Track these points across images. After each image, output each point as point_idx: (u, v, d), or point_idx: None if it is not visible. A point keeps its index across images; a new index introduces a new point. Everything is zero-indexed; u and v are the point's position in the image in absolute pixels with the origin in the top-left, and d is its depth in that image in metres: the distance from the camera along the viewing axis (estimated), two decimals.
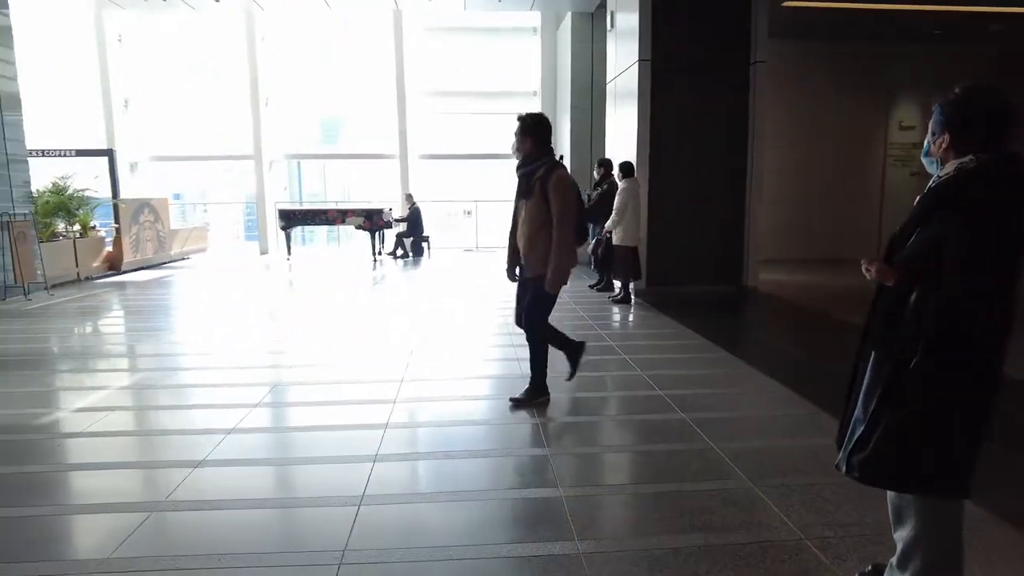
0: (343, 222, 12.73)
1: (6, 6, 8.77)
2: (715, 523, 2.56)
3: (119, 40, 13.78)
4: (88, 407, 4.14)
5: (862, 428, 1.87)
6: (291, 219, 12.76)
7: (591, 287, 8.73)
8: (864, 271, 1.97)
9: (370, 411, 4.01)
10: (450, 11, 13.38)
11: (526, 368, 4.15)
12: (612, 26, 8.86)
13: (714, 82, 7.72)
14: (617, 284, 7.88)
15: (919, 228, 1.88)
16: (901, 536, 1.96)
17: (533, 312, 3.97)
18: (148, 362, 5.47)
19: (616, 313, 7.23)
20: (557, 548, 2.39)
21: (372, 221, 12.56)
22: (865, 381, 1.93)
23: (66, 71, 13.71)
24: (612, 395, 4.39)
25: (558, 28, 12.96)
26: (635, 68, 7.75)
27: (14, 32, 8.97)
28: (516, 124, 3.81)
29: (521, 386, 4.13)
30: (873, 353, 1.93)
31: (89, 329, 6.98)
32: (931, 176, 1.92)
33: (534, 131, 3.79)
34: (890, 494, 1.98)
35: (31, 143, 11.42)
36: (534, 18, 13.58)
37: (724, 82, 7.74)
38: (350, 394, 4.44)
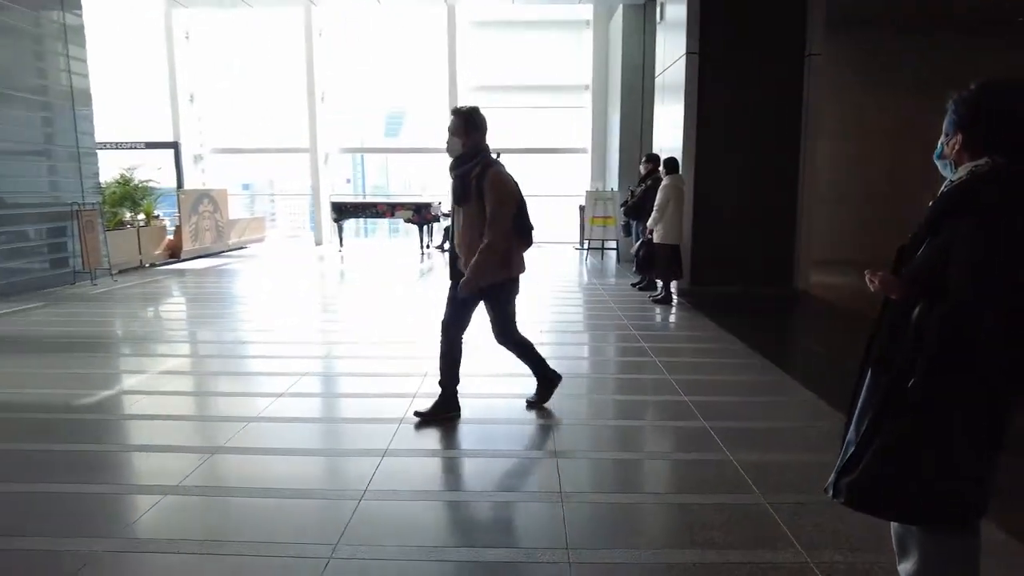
0: (392, 215, 12.93)
1: (79, 7, 9.25)
2: (717, 540, 2.45)
3: (186, 37, 14.37)
4: (127, 390, 4.34)
5: (853, 449, 1.74)
6: (343, 211, 13.03)
7: (633, 286, 8.56)
8: (868, 283, 1.83)
9: (389, 404, 4.04)
10: (501, 5, 13.33)
11: (556, 367, 4.06)
12: (662, 18, 8.63)
13: (766, 76, 7.41)
14: (659, 283, 7.71)
15: (929, 237, 1.73)
16: (905, 570, 1.82)
17: (505, 328, 3.77)
18: (188, 348, 5.69)
19: (654, 313, 7.06)
20: (546, 556, 2.33)
21: (420, 215, 12.69)
22: (860, 400, 1.79)
23: (138, 67, 14.40)
24: (633, 399, 4.27)
25: (610, 20, 12.73)
26: (682, 61, 7.52)
27: (88, 31, 9.47)
28: (450, 119, 3.50)
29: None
30: (870, 371, 1.79)
31: (148, 313, 7.32)
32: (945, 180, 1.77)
33: (469, 127, 3.47)
34: (893, 523, 1.84)
35: (105, 136, 12.13)
36: (587, 11, 13.38)
37: (776, 76, 7.42)
38: (372, 387, 4.49)
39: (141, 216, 11.09)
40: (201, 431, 3.70)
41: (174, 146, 14.03)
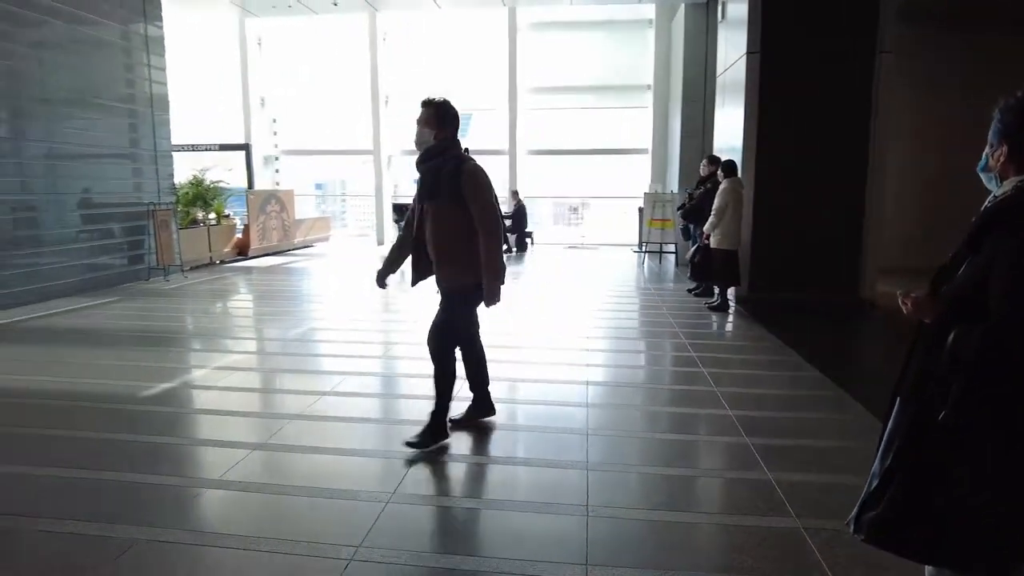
0: None
1: (160, 19, 9.81)
2: (743, 565, 2.35)
3: (259, 44, 14.99)
4: (185, 384, 4.56)
5: (876, 482, 1.63)
6: (403, 213, 13.26)
7: (689, 291, 8.36)
8: (901, 304, 1.72)
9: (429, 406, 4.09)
10: (561, 7, 13.26)
11: (599, 375, 4.01)
12: (723, 17, 8.38)
13: (832, 74, 7.07)
14: (716, 290, 7.49)
15: (970, 256, 1.61)
16: None
17: (444, 334, 3.44)
18: (247, 344, 5.92)
19: (708, 320, 6.86)
20: (563, 572, 2.30)
21: None
22: (887, 429, 1.68)
23: (214, 74, 15.13)
24: (675, 411, 4.15)
25: (672, 20, 12.47)
26: (743, 61, 7.28)
27: (169, 41, 10.03)
28: (420, 110, 3.30)
29: (594, 396, 4.03)
30: (898, 399, 1.67)
31: (215, 309, 7.67)
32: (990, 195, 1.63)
33: (441, 118, 3.27)
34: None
35: (182, 139, 12.83)
36: (649, 10, 13.17)
37: (844, 74, 7.06)
38: (417, 388, 4.55)
39: (212, 215, 11.66)
40: (248, 427, 3.84)
41: (245, 148, 14.67)
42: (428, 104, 3.32)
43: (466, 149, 3.39)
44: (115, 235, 9.03)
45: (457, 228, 3.24)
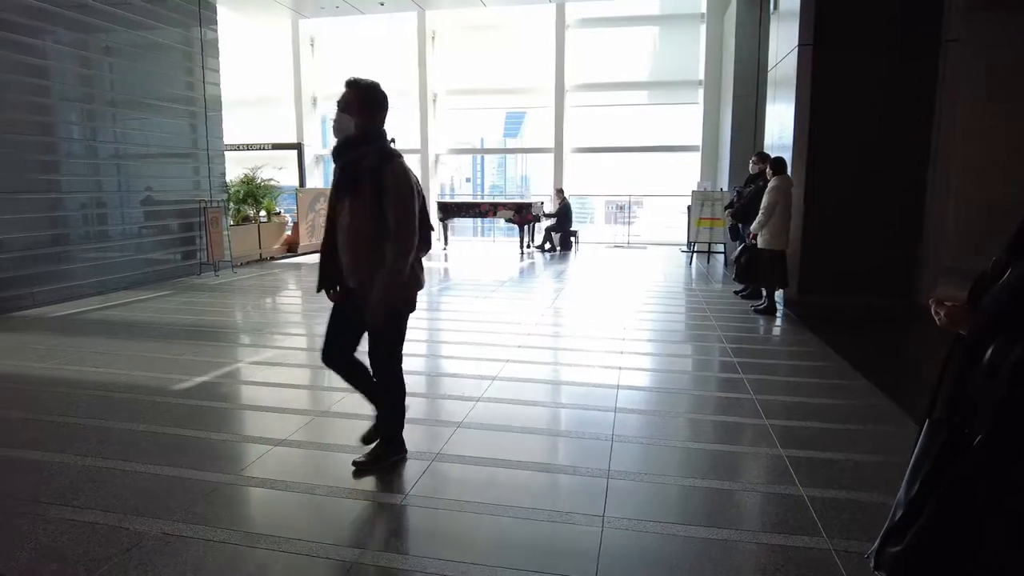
0: (495, 215, 13.07)
1: (215, 23, 10.12)
2: None
3: (311, 44, 15.31)
4: (216, 378, 4.65)
5: (901, 513, 1.47)
6: (448, 211, 13.36)
7: (736, 293, 8.08)
8: (933, 314, 1.55)
9: (450, 406, 4.05)
10: (610, 2, 13.05)
11: (631, 379, 3.89)
12: (775, 8, 8.04)
13: (891, 66, 6.67)
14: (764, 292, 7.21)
15: (1014, 262, 1.43)
16: None
17: (379, 357, 3.00)
18: (284, 340, 6.01)
19: (753, 324, 6.60)
20: None
21: (521, 215, 12.74)
22: (915, 454, 1.51)
23: (271, 74, 15.53)
24: (705, 418, 3.97)
25: (725, 13, 12.09)
26: (795, 54, 6.96)
27: (227, 43, 10.35)
28: (343, 92, 2.87)
29: (624, 400, 3.90)
30: (927, 422, 1.51)
31: (258, 305, 7.85)
32: None
33: (366, 104, 2.84)
34: None
35: (238, 139, 13.27)
36: (701, 3, 12.82)
37: (905, 66, 6.65)
38: (442, 388, 4.52)
39: (263, 213, 11.97)
40: (271, 422, 3.88)
41: (297, 147, 15.01)
42: (352, 85, 2.86)
43: (392, 140, 2.93)
44: (170, 231, 9.37)
45: (377, 230, 2.78)
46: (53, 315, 6.86)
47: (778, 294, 7.29)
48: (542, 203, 13.77)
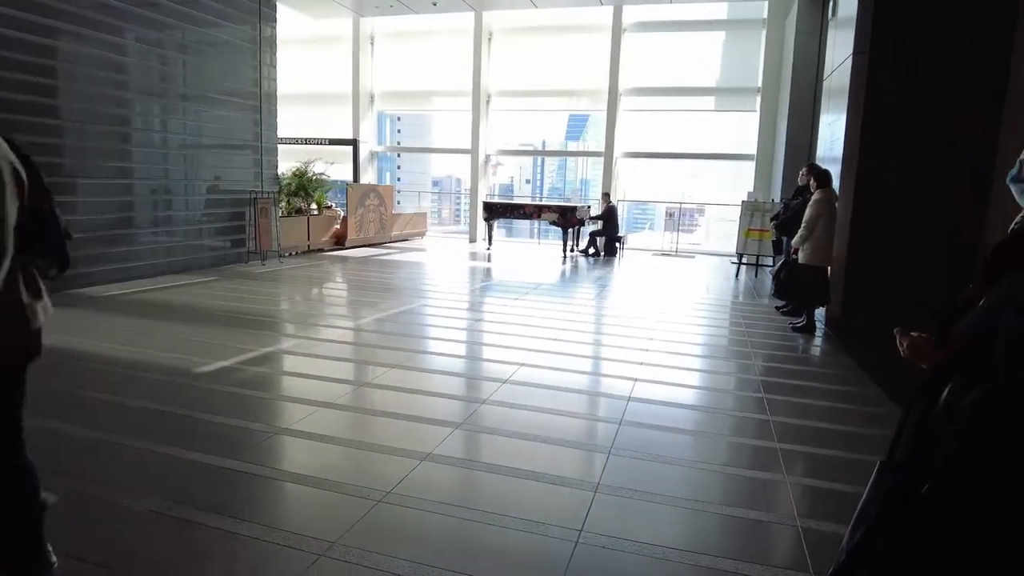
0: (539, 217, 13.04)
1: (275, 20, 10.47)
2: None
3: (371, 43, 15.64)
4: (239, 363, 4.79)
5: (843, 560, 1.37)
6: (493, 211, 13.40)
7: (777, 309, 7.78)
8: (898, 345, 1.44)
9: (454, 407, 4.05)
10: (666, 6, 12.80)
11: (645, 391, 3.79)
12: (834, 14, 7.71)
13: (954, 77, 6.28)
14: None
15: (990, 288, 1.32)
16: None
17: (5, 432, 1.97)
18: (315, 330, 6.15)
19: (788, 342, 6.34)
20: None
21: (566, 218, 12.65)
22: (862, 500, 1.40)
23: (328, 71, 15.95)
24: (712, 437, 3.83)
25: (786, 19, 11.69)
26: (849, 62, 6.65)
27: (293, 41, 10.70)
28: None
29: (632, 413, 3.80)
30: (877, 466, 1.40)
31: (297, 294, 8.07)
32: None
33: None
34: None
35: (299, 133, 13.74)
36: (762, 8, 12.44)
37: (969, 77, 6.25)
38: (454, 387, 4.53)
39: (313, 206, 12.30)
40: (278, 411, 3.96)
41: (353, 143, 15.35)
42: None
43: None
44: (222, 219, 9.74)
45: None
46: (105, 294, 7.23)
47: (819, 312, 6.99)
48: (588, 207, 13.64)
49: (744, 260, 11.50)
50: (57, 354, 4.85)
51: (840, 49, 7.17)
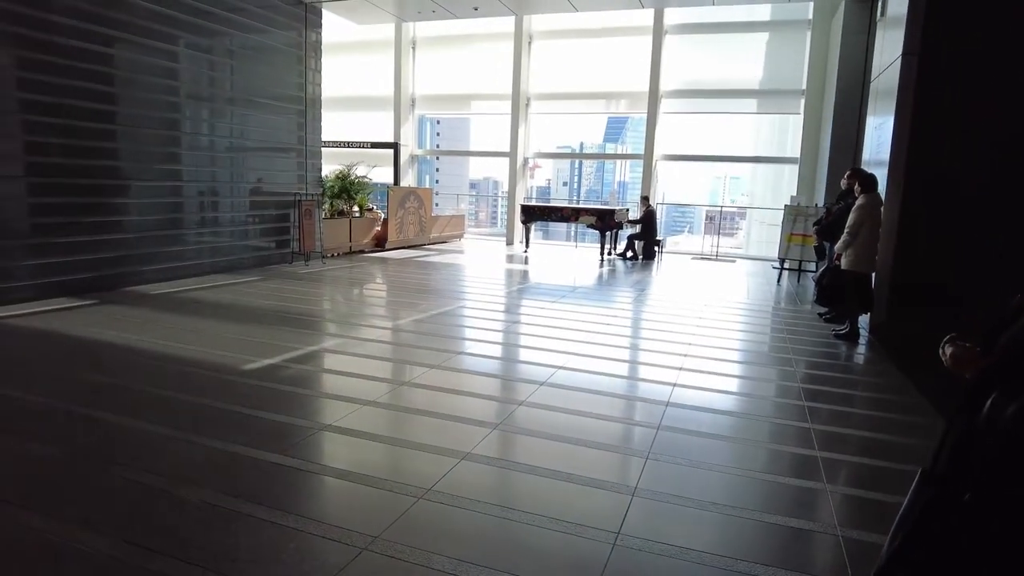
0: (576, 220, 13.03)
1: (319, 26, 10.72)
2: None
3: (413, 47, 15.86)
4: (274, 363, 4.94)
5: (883, 564, 1.37)
6: (530, 214, 13.45)
7: (820, 316, 7.63)
8: (940, 354, 1.43)
9: (488, 407, 4.11)
10: (708, 8, 12.65)
11: (683, 397, 3.79)
12: (883, 14, 7.52)
13: (1010, 79, 6.08)
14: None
15: None
16: None
17: None
18: (354, 330, 6.28)
19: (831, 350, 6.22)
20: None
21: (604, 221, 12.62)
22: (902, 507, 1.40)
23: (373, 75, 16.25)
24: (750, 443, 3.79)
25: (832, 19, 11.44)
26: (898, 64, 6.49)
27: (338, 46, 10.96)
28: None
29: (670, 418, 3.80)
30: (918, 474, 1.39)
31: (338, 295, 8.26)
32: None
33: None
34: None
35: (341, 137, 14.04)
36: (807, 9, 12.21)
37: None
38: (486, 387, 4.58)
39: (356, 208, 12.54)
40: (322, 408, 4.08)
41: (394, 147, 15.59)
42: None
43: None
44: (268, 221, 10.02)
45: None
46: (156, 292, 7.52)
47: (862, 319, 6.84)
48: (627, 210, 13.58)
49: (787, 265, 11.29)
50: (114, 350, 5.08)
51: (889, 50, 7.00)
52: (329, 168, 12.31)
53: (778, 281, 10.75)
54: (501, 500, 2.90)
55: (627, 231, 13.31)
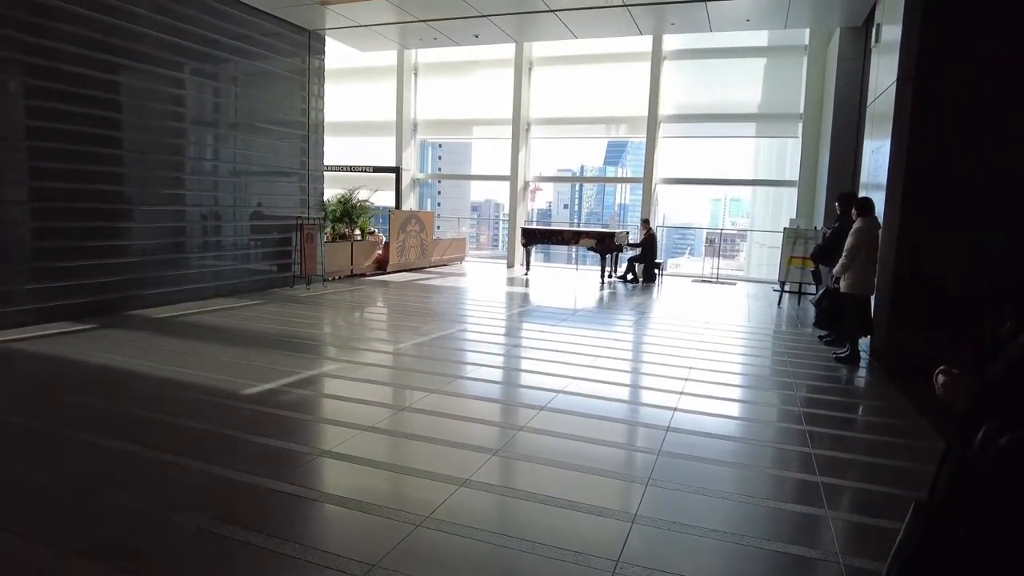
0: (577, 243, 13.08)
1: (323, 52, 10.89)
2: None
3: (415, 73, 16.07)
4: (274, 388, 4.94)
5: None
6: (531, 237, 13.51)
7: (820, 339, 7.62)
8: (934, 383, 1.44)
9: (489, 432, 4.09)
10: (706, 35, 12.83)
11: (685, 421, 3.77)
12: (877, 40, 7.63)
13: (1005, 103, 6.14)
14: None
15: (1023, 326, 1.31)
16: None
17: None
18: (352, 354, 6.28)
19: (831, 373, 6.20)
20: None
21: (604, 244, 12.67)
22: (899, 537, 1.39)
23: (376, 100, 16.43)
24: (751, 469, 3.77)
25: (828, 46, 11.61)
26: (893, 88, 6.57)
27: (342, 72, 11.11)
28: None
29: (671, 443, 3.78)
30: (912, 506, 1.39)
31: (339, 319, 8.27)
32: None
33: None
34: None
35: (343, 161, 14.17)
36: (804, 36, 12.40)
37: (1021, 101, 6.10)
38: (486, 413, 4.57)
39: (357, 231, 12.61)
40: (321, 433, 4.07)
41: (395, 171, 15.72)
42: None
43: None
44: (269, 244, 10.07)
45: None
46: (158, 316, 7.54)
47: (863, 343, 6.83)
48: (627, 233, 13.64)
49: (787, 288, 11.30)
50: (115, 374, 5.08)
51: (884, 75, 7.09)
52: (331, 192, 12.40)
53: (779, 304, 10.75)
54: (500, 527, 2.88)
55: (627, 254, 13.35)
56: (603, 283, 12.71)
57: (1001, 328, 1.40)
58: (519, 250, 14.81)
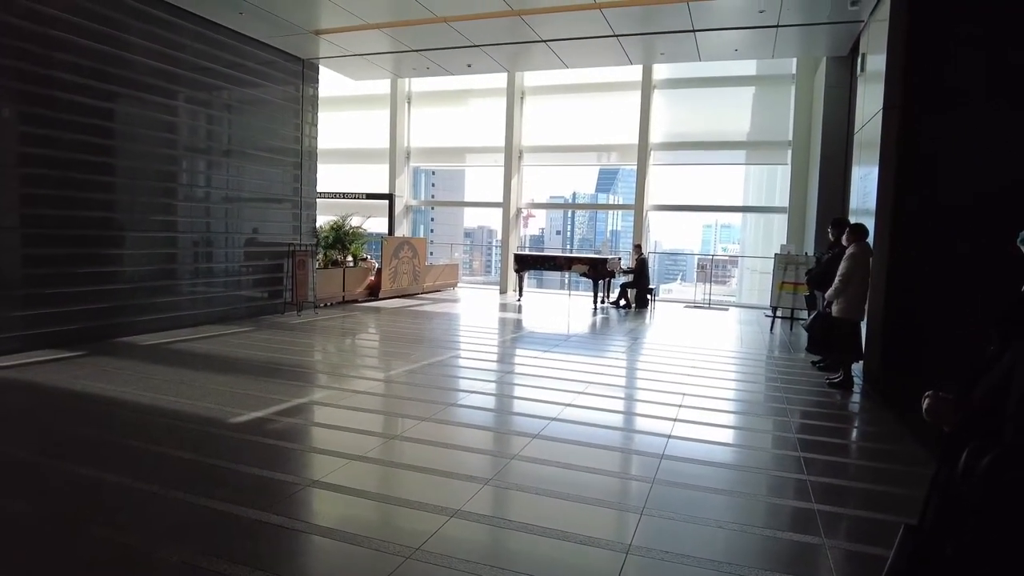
0: (569, 269, 13.11)
1: (316, 81, 10.99)
2: None
3: (408, 101, 16.23)
4: (262, 416, 4.87)
5: None
6: (524, 263, 13.54)
7: (813, 364, 7.62)
8: (921, 405, 1.43)
9: (482, 461, 4.04)
10: (695, 64, 13.06)
11: (678, 449, 3.72)
12: (862, 70, 7.77)
13: (987, 129, 6.24)
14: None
15: (1015, 343, 1.31)
16: None
17: None
18: (341, 381, 6.22)
19: (825, 399, 6.18)
20: None
21: (597, 270, 12.70)
22: (888, 561, 1.37)
23: (369, 128, 16.55)
24: (748, 497, 3.73)
25: (815, 74, 11.82)
26: (879, 117, 6.68)
27: (337, 101, 11.20)
28: None
29: (666, 471, 3.74)
30: (902, 528, 1.37)
31: (330, 345, 8.21)
32: None
33: None
34: None
35: (336, 188, 14.21)
36: (791, 65, 12.63)
37: (1004, 128, 6.20)
38: (480, 441, 4.51)
39: (350, 258, 12.60)
40: (310, 463, 4.00)
41: (388, 198, 15.78)
42: None
43: None
44: (261, 271, 10.03)
45: None
46: (148, 343, 7.46)
47: (856, 367, 6.83)
48: (619, 259, 13.68)
49: (779, 313, 11.34)
50: (102, 403, 5.01)
51: (870, 103, 7.22)
52: (324, 219, 12.41)
53: (771, 329, 10.77)
54: (491, 559, 2.82)
55: (620, 279, 13.37)
56: (596, 309, 12.71)
57: (986, 350, 1.40)
58: (512, 276, 14.81)
